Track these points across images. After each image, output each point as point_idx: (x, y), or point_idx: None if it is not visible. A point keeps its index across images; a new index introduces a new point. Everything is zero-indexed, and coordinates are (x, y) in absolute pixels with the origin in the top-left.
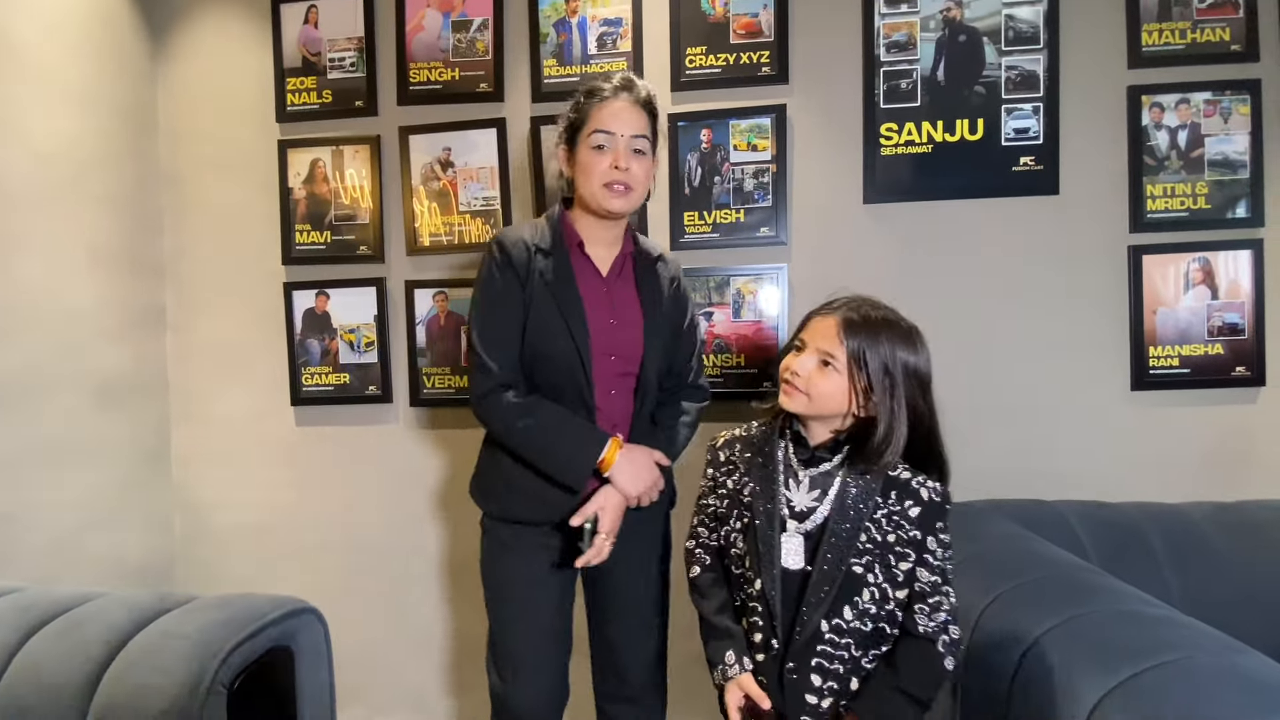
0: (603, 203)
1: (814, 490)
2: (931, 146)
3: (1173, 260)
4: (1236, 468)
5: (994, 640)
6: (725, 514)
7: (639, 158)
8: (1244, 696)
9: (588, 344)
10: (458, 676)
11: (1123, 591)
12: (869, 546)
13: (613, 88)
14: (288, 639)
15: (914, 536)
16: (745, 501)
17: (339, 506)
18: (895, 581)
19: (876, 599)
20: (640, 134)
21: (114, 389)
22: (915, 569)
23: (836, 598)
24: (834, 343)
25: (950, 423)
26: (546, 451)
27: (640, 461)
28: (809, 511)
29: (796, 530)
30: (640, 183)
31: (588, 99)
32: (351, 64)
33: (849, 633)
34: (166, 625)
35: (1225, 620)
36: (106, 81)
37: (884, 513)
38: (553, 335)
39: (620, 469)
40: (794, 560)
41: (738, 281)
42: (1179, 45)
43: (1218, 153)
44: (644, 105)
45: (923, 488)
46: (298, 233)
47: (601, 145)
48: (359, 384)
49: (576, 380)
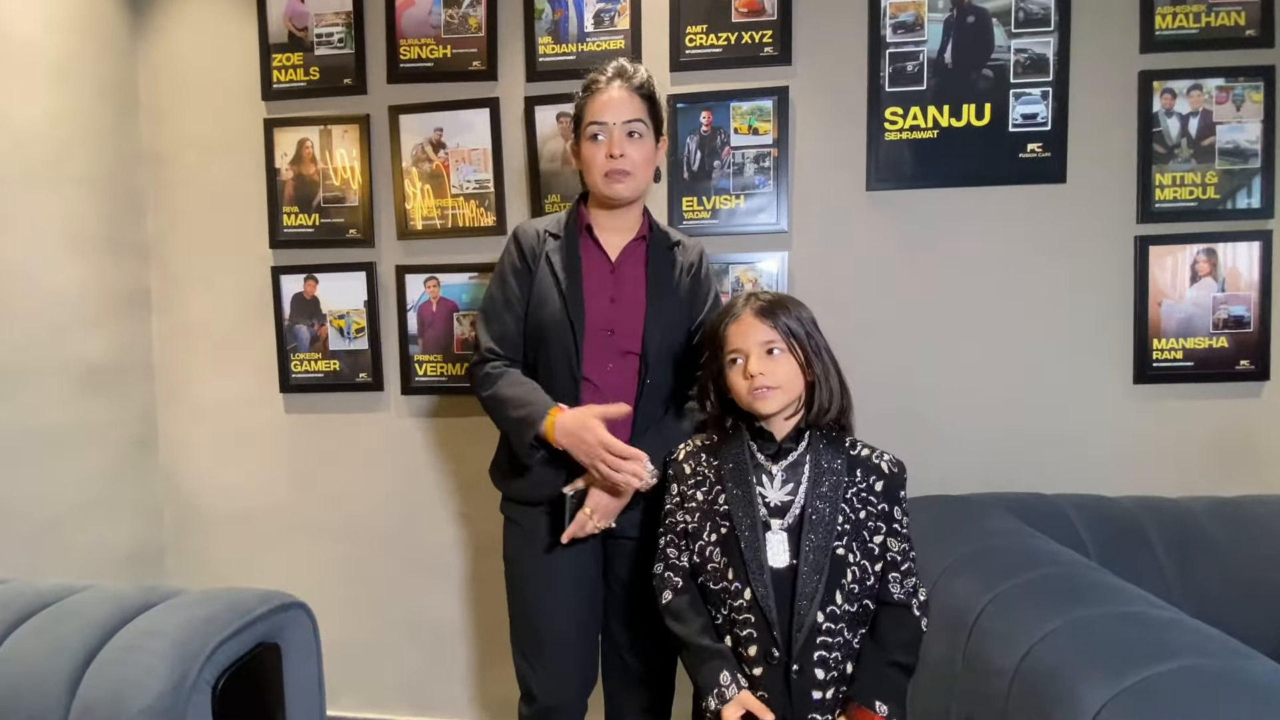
0: (604, 190)
1: (787, 484)
2: (937, 132)
3: (1179, 251)
4: (1238, 462)
5: (993, 640)
6: (697, 529)
7: (636, 141)
8: (1251, 704)
9: (581, 317)
10: (451, 664)
11: (1126, 592)
12: (846, 527)
13: (606, 79)
14: (275, 635)
15: (882, 509)
16: (721, 510)
17: (330, 495)
18: (872, 556)
19: (859, 577)
20: (634, 118)
21: (99, 375)
22: (886, 539)
23: (827, 585)
24: (765, 330)
25: (951, 411)
26: (501, 422)
27: (575, 420)
28: (786, 505)
29: (780, 527)
30: (640, 166)
31: (584, 93)
32: (339, 40)
33: (841, 617)
34: (149, 622)
35: (1224, 615)
36: (85, 57)
37: (854, 491)
38: (549, 308)
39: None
40: (780, 558)
41: (736, 269)
42: (1193, 29)
43: (1229, 141)
44: (638, 90)
45: (882, 460)
46: (285, 215)
47: (597, 135)
48: (349, 371)
49: (567, 351)
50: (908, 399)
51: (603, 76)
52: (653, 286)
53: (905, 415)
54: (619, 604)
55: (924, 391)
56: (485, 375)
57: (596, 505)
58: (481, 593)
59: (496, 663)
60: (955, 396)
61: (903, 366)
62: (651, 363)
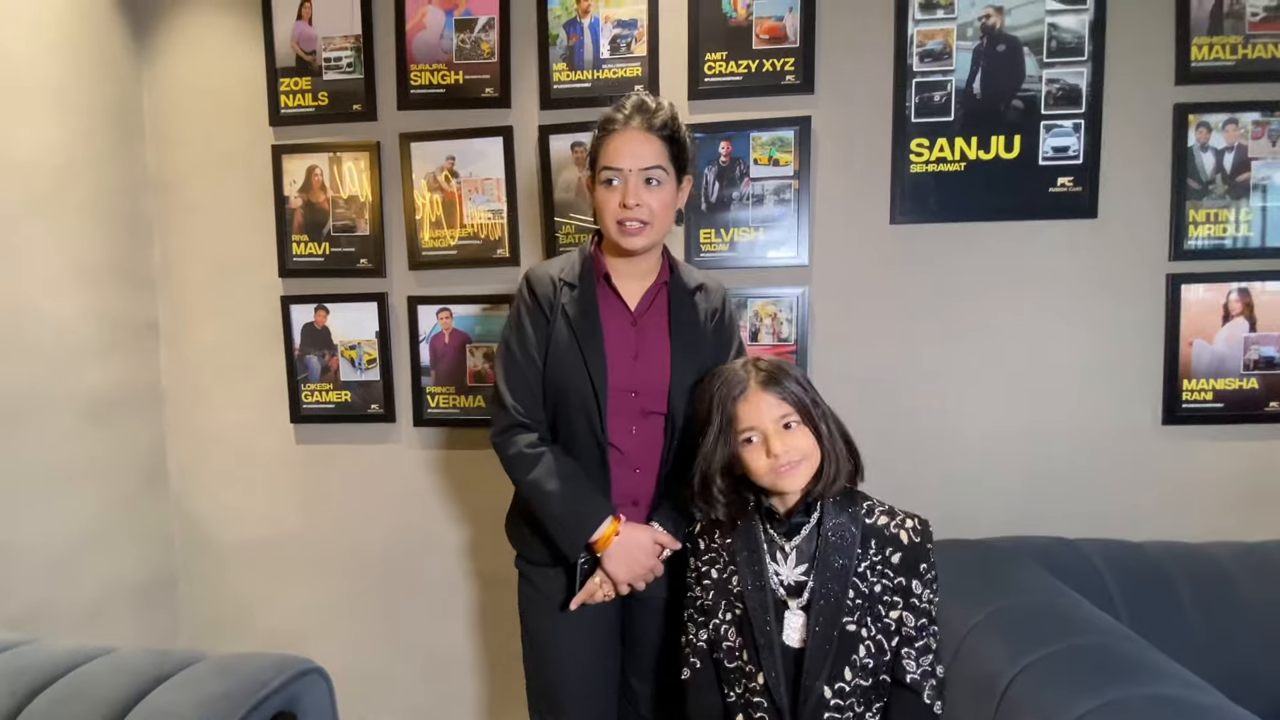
0: (618, 240)
1: (801, 564)
2: (964, 164)
3: (1212, 290)
4: (1268, 505)
5: (1023, 718)
6: (712, 606)
7: (654, 189)
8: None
9: (604, 380)
10: (459, 695)
11: (1162, 670)
12: (858, 602)
13: (624, 117)
14: (291, 704)
15: (899, 583)
16: (735, 592)
17: (342, 525)
18: (888, 631)
19: (873, 652)
20: (653, 165)
21: (107, 406)
22: (902, 614)
23: (835, 661)
24: (777, 405)
25: (976, 451)
26: (545, 516)
27: (637, 545)
28: (801, 585)
29: (798, 606)
30: (659, 215)
31: (601, 132)
32: (349, 64)
33: (852, 693)
34: (165, 700)
35: (1250, 665)
36: (87, 82)
37: (867, 565)
38: (568, 370)
39: (612, 555)
40: (796, 639)
41: (755, 304)
42: (1229, 61)
43: (1264, 177)
44: (659, 131)
45: (901, 529)
46: (295, 244)
47: (611, 180)
48: (361, 402)
49: (590, 417)
50: (931, 437)
51: (620, 114)
52: (676, 340)
53: (928, 454)
54: (637, 662)
55: (948, 430)
56: (519, 455)
57: (607, 576)
58: (491, 625)
59: (505, 695)
60: (980, 435)
61: (926, 403)
62: (678, 423)
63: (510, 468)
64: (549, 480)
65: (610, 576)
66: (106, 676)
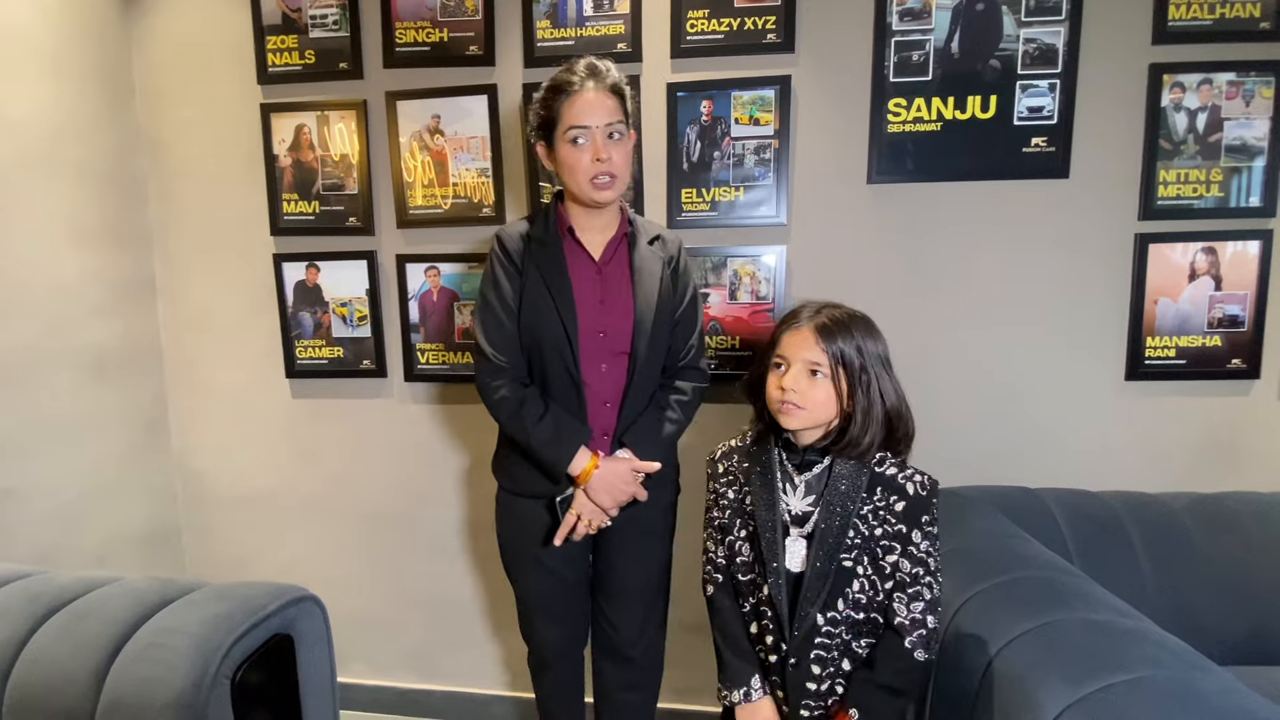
0: (592, 195)
1: (809, 496)
2: (941, 125)
3: (1178, 249)
4: (1224, 459)
5: (966, 639)
6: (729, 524)
7: (617, 143)
8: (1197, 717)
9: (575, 322)
10: (455, 636)
11: (1098, 599)
12: (856, 542)
13: (580, 78)
14: (288, 627)
15: (899, 530)
16: (749, 511)
17: (337, 477)
18: (883, 574)
19: (867, 590)
20: (614, 120)
21: (109, 362)
22: (899, 559)
23: (830, 592)
24: (816, 351)
25: (947, 404)
26: (531, 445)
27: (615, 474)
28: (806, 516)
29: (799, 535)
30: (621, 168)
31: (556, 95)
32: (334, 22)
33: (843, 622)
34: (169, 619)
35: (1199, 612)
36: (78, 44)
37: (870, 508)
38: (543, 316)
39: (594, 486)
40: (796, 563)
41: (735, 262)
42: (1207, 20)
43: (1236, 138)
44: (613, 90)
45: (909, 481)
46: (285, 202)
47: (578, 139)
48: (353, 358)
49: (564, 357)
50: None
51: (575, 77)
52: (638, 285)
53: None
54: (606, 583)
55: (921, 384)
56: (502, 400)
57: (583, 509)
58: (484, 569)
59: (499, 633)
60: (952, 389)
61: (899, 359)
62: (639, 361)
63: (495, 409)
64: (531, 414)
65: (597, 505)
66: (115, 600)
